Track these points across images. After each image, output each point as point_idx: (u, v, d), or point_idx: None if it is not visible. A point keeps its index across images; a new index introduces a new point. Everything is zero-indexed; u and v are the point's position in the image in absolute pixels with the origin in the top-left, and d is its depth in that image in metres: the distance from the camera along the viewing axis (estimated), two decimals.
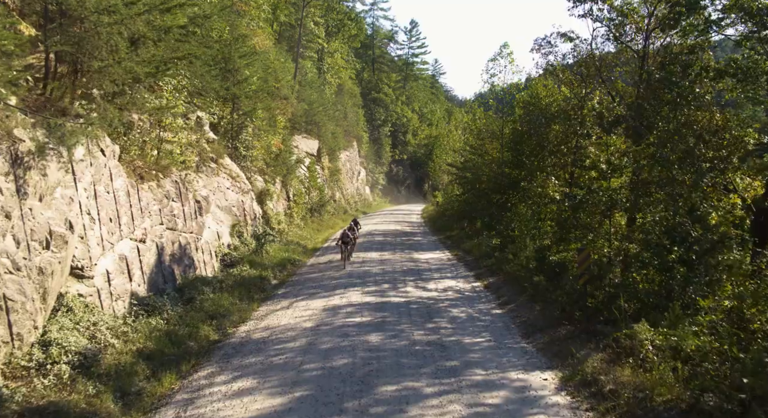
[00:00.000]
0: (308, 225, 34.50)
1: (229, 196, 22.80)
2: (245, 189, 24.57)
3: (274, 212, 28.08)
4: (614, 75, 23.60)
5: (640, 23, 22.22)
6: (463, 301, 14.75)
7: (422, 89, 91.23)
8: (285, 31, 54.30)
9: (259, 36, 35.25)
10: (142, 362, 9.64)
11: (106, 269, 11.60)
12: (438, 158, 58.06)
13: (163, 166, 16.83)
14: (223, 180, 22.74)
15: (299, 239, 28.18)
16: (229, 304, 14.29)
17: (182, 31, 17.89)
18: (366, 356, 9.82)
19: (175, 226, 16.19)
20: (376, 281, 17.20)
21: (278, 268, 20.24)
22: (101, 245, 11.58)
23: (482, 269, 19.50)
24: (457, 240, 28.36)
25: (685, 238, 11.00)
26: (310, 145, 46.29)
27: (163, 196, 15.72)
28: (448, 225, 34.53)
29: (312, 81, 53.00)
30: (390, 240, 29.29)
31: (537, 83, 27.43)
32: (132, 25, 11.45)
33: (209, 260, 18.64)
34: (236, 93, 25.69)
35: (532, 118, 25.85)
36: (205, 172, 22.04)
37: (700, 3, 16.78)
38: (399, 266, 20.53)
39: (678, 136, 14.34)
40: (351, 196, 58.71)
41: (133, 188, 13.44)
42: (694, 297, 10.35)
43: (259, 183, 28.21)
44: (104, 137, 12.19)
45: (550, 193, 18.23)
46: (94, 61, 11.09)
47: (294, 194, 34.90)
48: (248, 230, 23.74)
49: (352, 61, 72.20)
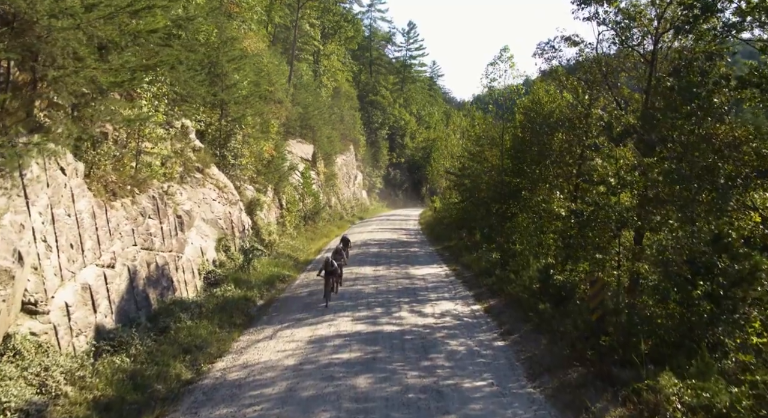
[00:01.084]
0: (301, 234, 33.31)
1: (216, 208, 21.61)
2: (233, 200, 23.38)
3: (265, 223, 26.90)
4: (620, 80, 22.52)
5: (648, 26, 21.12)
6: (463, 329, 13.58)
7: (420, 92, 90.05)
8: (280, 32, 53.11)
9: (251, 39, 34.07)
10: (97, 415, 8.45)
11: (65, 301, 10.40)
12: (436, 162, 56.79)
13: (141, 180, 15.64)
14: (209, 191, 21.55)
15: (291, 251, 26.98)
16: (207, 333, 13.10)
17: (162, 34, 16.75)
18: (352, 408, 8.63)
19: (152, 245, 15.00)
20: (368, 304, 16.03)
21: (265, 286, 19.06)
22: (60, 275, 10.39)
23: (482, 288, 18.34)
24: (456, 252, 27.19)
25: (710, 269, 9.85)
26: (305, 149, 45.10)
27: (138, 214, 14.53)
28: (446, 234, 33.36)
29: (307, 84, 51.82)
30: (385, 251, 28.11)
31: (539, 88, 26.29)
32: (93, 30, 10.26)
33: (191, 279, 17.45)
34: (224, 99, 24.50)
35: (534, 125, 24.75)
36: (190, 183, 20.84)
37: (716, 5, 15.68)
38: (394, 283, 19.36)
39: (697, 150, 13.17)
40: (347, 201, 57.52)
41: (100, 208, 12.24)
42: (722, 338, 9.20)
43: (249, 192, 27.04)
44: (65, 154, 10.99)
45: (555, 209, 17.10)
46: (50, 70, 9.90)
47: (287, 202, 33.71)
48: (236, 243, 22.56)
49: (349, 63, 71.03)
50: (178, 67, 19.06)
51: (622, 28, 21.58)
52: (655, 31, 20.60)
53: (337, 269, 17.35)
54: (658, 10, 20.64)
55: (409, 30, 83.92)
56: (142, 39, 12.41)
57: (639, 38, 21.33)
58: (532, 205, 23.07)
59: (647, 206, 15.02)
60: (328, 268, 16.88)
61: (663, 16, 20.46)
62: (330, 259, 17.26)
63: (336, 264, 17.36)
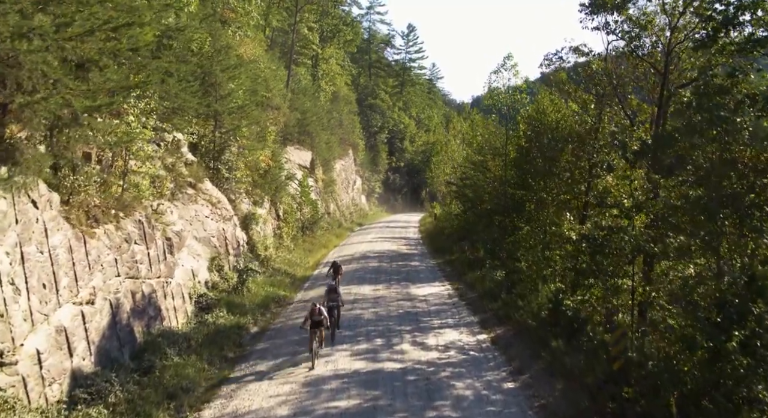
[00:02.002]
0: (299, 246, 32.39)
1: (209, 226, 20.70)
2: (227, 216, 22.47)
3: (261, 237, 25.98)
4: (628, 89, 21.65)
5: (660, 36, 20.24)
6: (469, 366, 12.68)
7: (419, 94, 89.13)
8: (278, 37, 52.19)
9: (248, 45, 33.13)
10: None
11: (37, 348, 9.50)
12: (436, 167, 55.89)
13: (126, 203, 14.72)
14: (201, 208, 20.66)
15: (288, 266, 26.07)
16: (195, 372, 12.21)
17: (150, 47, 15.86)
18: None
19: (138, 273, 14.10)
20: (368, 334, 15.12)
21: (260, 310, 18.16)
22: (30, 320, 9.49)
23: (487, 313, 17.46)
24: (458, 267, 26.32)
25: (744, 315, 8.96)
26: (303, 156, 44.20)
27: (123, 241, 13.62)
28: (447, 246, 32.45)
29: (306, 88, 50.90)
30: (385, 266, 27.21)
31: (543, 97, 25.39)
32: (65, 52, 9.36)
33: (181, 305, 16.55)
34: (218, 110, 23.60)
35: (539, 136, 23.86)
36: (182, 200, 19.95)
37: (737, 18, 14.80)
38: (394, 306, 18.47)
39: (720, 175, 12.27)
40: (346, 207, 56.61)
41: (78, 240, 11.34)
42: (760, 395, 8.31)
43: (245, 205, 26.14)
44: (37, 185, 10.09)
45: (565, 232, 16.22)
46: (17, 95, 9.00)
47: (284, 213, 32.81)
48: (230, 261, 21.65)
49: (348, 67, 70.12)
50: (168, 79, 18.24)
51: (632, 37, 20.74)
52: (667, 42, 19.74)
53: (325, 318, 13.54)
54: (670, 19, 19.78)
55: (408, 32, 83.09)
56: (124, 58, 11.49)
57: (650, 48, 20.49)
58: (538, 220, 22.21)
59: (664, 232, 14.14)
60: (314, 317, 13.32)
61: (676, 25, 19.59)
62: (317, 306, 13.57)
63: (326, 313, 13.72)
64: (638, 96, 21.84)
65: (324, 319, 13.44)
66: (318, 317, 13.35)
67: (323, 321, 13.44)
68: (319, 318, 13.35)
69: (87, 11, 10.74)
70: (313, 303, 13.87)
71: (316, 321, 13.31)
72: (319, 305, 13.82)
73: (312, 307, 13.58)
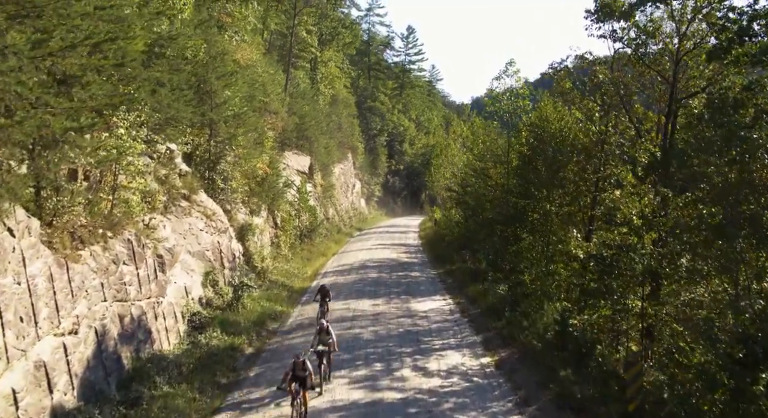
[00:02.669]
0: (297, 254, 31.78)
1: (203, 239, 20.10)
2: (222, 228, 21.86)
3: (257, 248, 25.35)
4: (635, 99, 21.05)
5: (668, 44, 19.66)
6: (473, 396, 12.08)
7: (419, 97, 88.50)
8: (276, 40, 51.56)
9: (245, 50, 32.50)
10: None
11: (12, 387, 8.88)
12: (436, 172, 55.26)
13: (115, 221, 14.10)
14: (195, 220, 20.05)
15: (285, 277, 25.46)
16: (185, 402, 11.60)
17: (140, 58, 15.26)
18: None
19: (126, 296, 13.49)
20: (366, 358, 14.50)
21: (255, 328, 17.56)
22: (5, 357, 8.88)
23: (491, 331, 16.87)
24: (459, 278, 25.72)
25: None
26: (302, 162, 43.59)
27: (110, 263, 13.02)
28: (448, 255, 31.83)
29: (304, 92, 50.27)
30: (385, 277, 26.61)
31: (546, 105, 24.78)
32: (43, 70, 8.76)
33: (173, 325, 15.94)
34: (213, 118, 22.97)
35: (543, 145, 23.26)
36: (175, 213, 19.36)
37: (752, 28, 14.19)
38: (394, 324, 17.87)
39: (738, 196, 11.67)
40: (345, 212, 56.01)
41: (60, 267, 10.72)
42: None
43: (241, 216, 25.52)
44: (13, 212, 9.47)
45: (572, 250, 15.62)
46: None
47: (282, 221, 32.20)
48: (225, 275, 21.05)
49: (347, 69, 69.45)
50: (160, 90, 17.63)
51: (638, 45, 20.15)
52: (675, 50, 19.15)
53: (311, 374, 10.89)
54: (679, 26, 19.19)
55: (408, 35, 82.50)
56: (111, 71, 10.89)
57: (656, 55, 19.89)
58: (542, 231, 21.60)
59: (675, 252, 13.54)
60: (297, 372, 10.75)
61: (684, 32, 19.00)
62: (301, 359, 10.93)
63: (311, 368, 10.96)
64: (644, 104, 21.26)
65: (309, 375, 10.77)
66: (302, 373, 10.74)
67: (307, 379, 10.75)
68: (303, 374, 10.73)
69: (69, 24, 10.16)
70: (296, 354, 11.26)
71: (299, 377, 10.70)
72: (303, 356, 11.16)
73: (294, 359, 10.95)
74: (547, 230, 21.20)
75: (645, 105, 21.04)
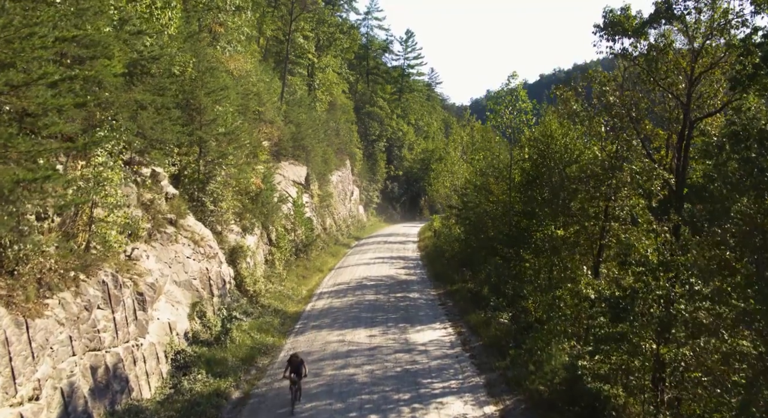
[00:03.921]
0: (292, 272, 30.74)
1: (190, 267, 19.06)
2: (211, 253, 20.80)
3: (250, 271, 24.27)
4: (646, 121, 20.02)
5: (682, 62, 18.62)
6: None
7: (418, 101, 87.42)
8: (272, 46, 50.53)
9: (238, 60, 31.45)
10: None
11: None
12: (436, 181, 54.27)
13: (88, 263, 13.04)
14: (182, 247, 19.01)
15: (278, 301, 24.41)
16: None
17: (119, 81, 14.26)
18: None
19: (100, 344, 12.44)
20: (361, 408, 13.39)
21: (244, 366, 16.52)
22: None
23: (494, 372, 15.82)
24: (459, 302, 24.70)
25: None
26: (298, 172, 42.56)
27: (82, 309, 11.97)
28: (448, 273, 30.79)
29: (301, 99, 49.23)
30: (383, 299, 25.59)
31: (551, 121, 23.75)
32: None
33: (155, 367, 14.88)
34: (203, 137, 21.92)
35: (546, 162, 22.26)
36: (160, 240, 18.32)
37: None
38: (391, 361, 16.82)
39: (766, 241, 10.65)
40: (343, 220, 54.96)
41: (19, 327, 9.66)
42: None
43: (233, 237, 24.45)
44: None
45: (582, 290, 14.59)
46: None
47: (276, 237, 31.15)
48: (213, 304, 19.99)
49: (345, 73, 68.36)
50: (142, 113, 16.60)
51: (650, 60, 19.11)
52: (690, 69, 18.11)
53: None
54: (692, 40, 18.16)
55: (407, 38, 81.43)
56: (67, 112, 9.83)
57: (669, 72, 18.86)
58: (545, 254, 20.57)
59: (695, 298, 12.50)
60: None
61: (700, 51, 17.96)
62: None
63: None
64: (654, 121, 20.25)
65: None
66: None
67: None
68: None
69: (27, 56, 9.12)
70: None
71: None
72: None
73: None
74: (551, 253, 20.17)
75: (656, 122, 20.05)
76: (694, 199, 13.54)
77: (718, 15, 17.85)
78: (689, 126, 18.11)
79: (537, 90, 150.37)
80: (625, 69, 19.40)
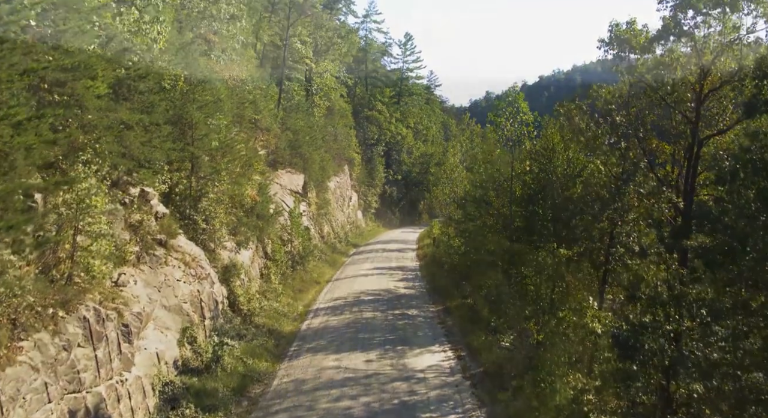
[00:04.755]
0: (288, 285, 30.03)
1: (181, 290, 18.38)
2: (203, 274, 20.12)
3: (244, 289, 23.58)
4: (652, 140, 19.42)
5: (690, 78, 18.00)
6: None
7: (417, 104, 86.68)
8: (269, 52, 49.79)
9: (233, 69, 30.79)
10: None
11: None
12: (435, 188, 53.70)
13: (71, 296, 12.37)
14: (172, 270, 18.36)
15: (273, 320, 23.71)
16: None
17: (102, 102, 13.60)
18: None
19: (80, 386, 11.77)
20: None
21: (235, 399, 15.85)
22: None
23: (496, 405, 15.17)
24: (460, 321, 24.06)
25: None
26: (295, 180, 41.90)
27: (61, 350, 11.30)
28: (448, 288, 30.13)
29: (299, 105, 48.57)
30: (380, 317, 24.97)
31: (553, 134, 23.11)
32: None
33: (141, 402, 14.21)
34: (195, 152, 21.26)
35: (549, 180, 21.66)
36: (149, 263, 17.70)
37: None
38: (389, 392, 16.18)
39: None
40: (342, 227, 54.25)
41: None
42: None
43: (226, 254, 23.76)
44: None
45: (589, 324, 13.96)
46: None
47: (272, 250, 30.51)
48: (205, 327, 19.32)
49: (343, 77, 67.66)
50: (128, 133, 15.95)
51: (656, 76, 18.54)
52: (699, 87, 17.50)
53: None
54: (702, 61, 17.55)
55: (405, 42, 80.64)
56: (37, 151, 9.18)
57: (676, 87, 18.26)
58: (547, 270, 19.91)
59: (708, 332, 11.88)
60: None
61: (709, 69, 17.35)
62: None
63: None
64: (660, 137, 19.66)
65: None
66: None
67: None
68: None
69: None
70: None
71: None
72: None
73: None
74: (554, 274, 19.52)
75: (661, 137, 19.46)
76: (706, 228, 12.87)
77: (728, 30, 17.26)
78: (698, 144, 17.52)
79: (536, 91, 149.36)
80: (631, 85, 18.77)
